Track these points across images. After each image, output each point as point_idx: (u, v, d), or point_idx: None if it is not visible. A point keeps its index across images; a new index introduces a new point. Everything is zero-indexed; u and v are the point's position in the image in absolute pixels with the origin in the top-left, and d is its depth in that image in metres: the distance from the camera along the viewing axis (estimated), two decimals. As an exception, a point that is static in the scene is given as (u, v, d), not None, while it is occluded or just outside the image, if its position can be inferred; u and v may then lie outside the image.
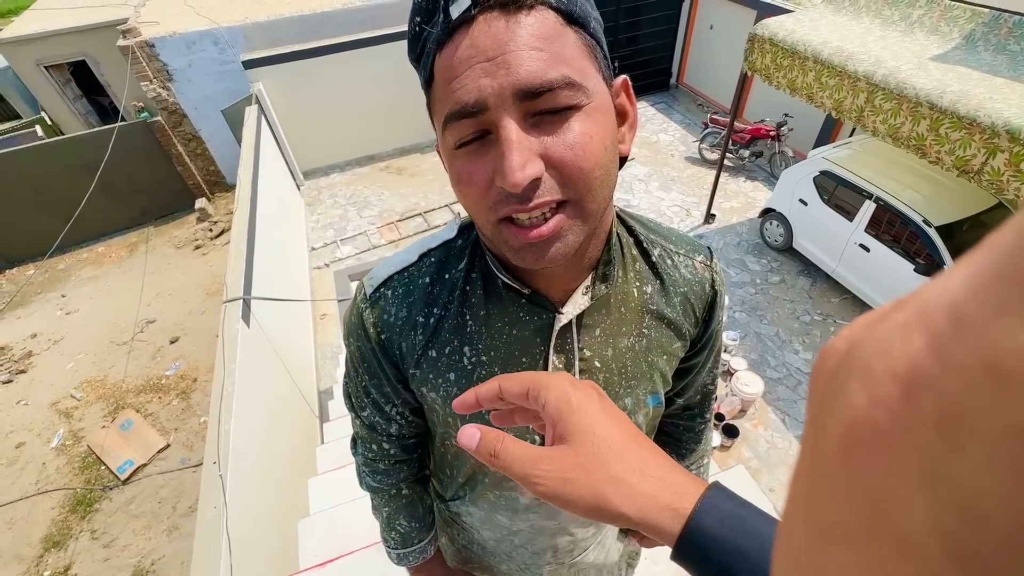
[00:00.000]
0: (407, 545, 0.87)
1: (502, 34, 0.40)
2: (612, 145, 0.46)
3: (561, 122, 0.43)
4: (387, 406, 0.70)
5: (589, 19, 0.45)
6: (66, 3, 8.26)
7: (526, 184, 0.41)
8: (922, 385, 0.10)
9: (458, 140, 0.45)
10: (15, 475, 4.34)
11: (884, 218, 3.90)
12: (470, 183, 0.45)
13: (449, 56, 0.42)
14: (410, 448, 0.79)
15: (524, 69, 0.40)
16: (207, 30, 6.19)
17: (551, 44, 0.41)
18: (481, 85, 0.41)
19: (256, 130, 4.78)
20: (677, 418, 0.83)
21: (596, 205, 0.46)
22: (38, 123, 8.25)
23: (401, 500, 0.83)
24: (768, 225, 5.11)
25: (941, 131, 2.89)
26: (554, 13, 0.42)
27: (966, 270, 0.10)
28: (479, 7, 0.41)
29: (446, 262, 0.62)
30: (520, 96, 0.41)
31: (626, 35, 7.38)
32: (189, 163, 7.07)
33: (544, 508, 0.74)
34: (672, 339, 0.65)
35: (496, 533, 0.80)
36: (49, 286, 6.38)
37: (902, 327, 0.11)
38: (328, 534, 2.06)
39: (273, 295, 3.49)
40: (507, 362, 0.60)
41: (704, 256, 0.66)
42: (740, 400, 3.69)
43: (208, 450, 2.04)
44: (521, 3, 0.41)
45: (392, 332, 0.62)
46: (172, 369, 5.07)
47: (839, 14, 3.94)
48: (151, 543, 3.83)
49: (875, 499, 0.10)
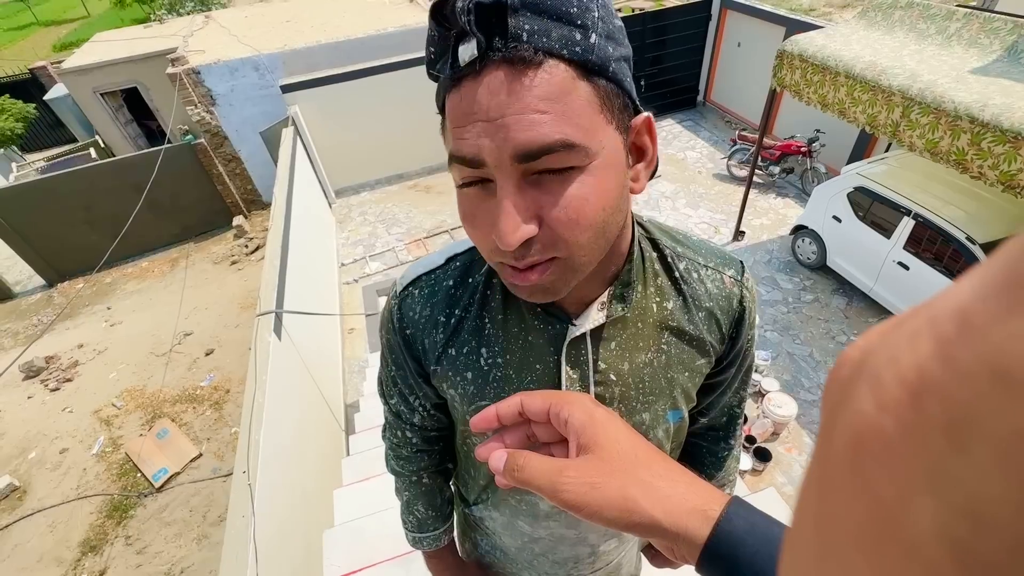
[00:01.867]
0: (423, 530, 0.90)
1: (504, 96, 0.40)
2: (616, 197, 0.46)
3: (560, 183, 0.42)
4: (411, 397, 0.73)
5: (608, 64, 0.42)
6: (121, 35, 8.86)
7: (517, 245, 0.43)
8: (929, 390, 0.10)
9: (461, 180, 0.46)
10: (58, 479, 4.53)
11: (924, 235, 3.76)
12: (473, 224, 0.47)
13: (455, 103, 0.42)
14: (432, 440, 0.82)
15: (524, 135, 0.40)
16: (248, 57, 6.53)
17: (556, 104, 0.40)
18: (480, 145, 0.41)
19: (291, 151, 4.98)
20: (700, 438, 0.81)
21: (588, 258, 0.47)
22: (92, 146, 8.80)
23: (421, 487, 0.87)
24: (800, 242, 4.99)
25: (983, 145, 2.79)
26: (565, 66, 0.40)
27: (975, 278, 0.10)
28: (485, 62, 0.40)
29: (471, 267, 0.64)
30: (518, 159, 0.41)
31: (653, 54, 7.42)
32: (228, 182, 7.39)
33: (564, 515, 0.73)
34: (695, 355, 0.64)
35: (517, 540, 0.81)
36: (96, 299, 6.71)
37: (911, 334, 0.11)
38: (352, 545, 2.06)
39: (304, 309, 3.59)
40: (522, 366, 0.61)
41: (735, 271, 0.65)
42: (772, 422, 3.56)
43: (238, 460, 2.09)
44: (530, 60, 0.39)
45: (416, 328, 0.65)
46: (207, 380, 5.23)
47: (871, 29, 3.87)
48: (181, 551, 3.91)
49: (881, 504, 0.10)
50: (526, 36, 0.39)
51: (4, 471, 4.62)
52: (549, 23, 0.39)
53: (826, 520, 0.12)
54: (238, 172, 7.49)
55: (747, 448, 3.49)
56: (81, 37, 18.12)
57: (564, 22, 0.40)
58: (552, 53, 0.40)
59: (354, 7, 8.40)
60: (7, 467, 4.69)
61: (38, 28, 26.09)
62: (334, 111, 6.56)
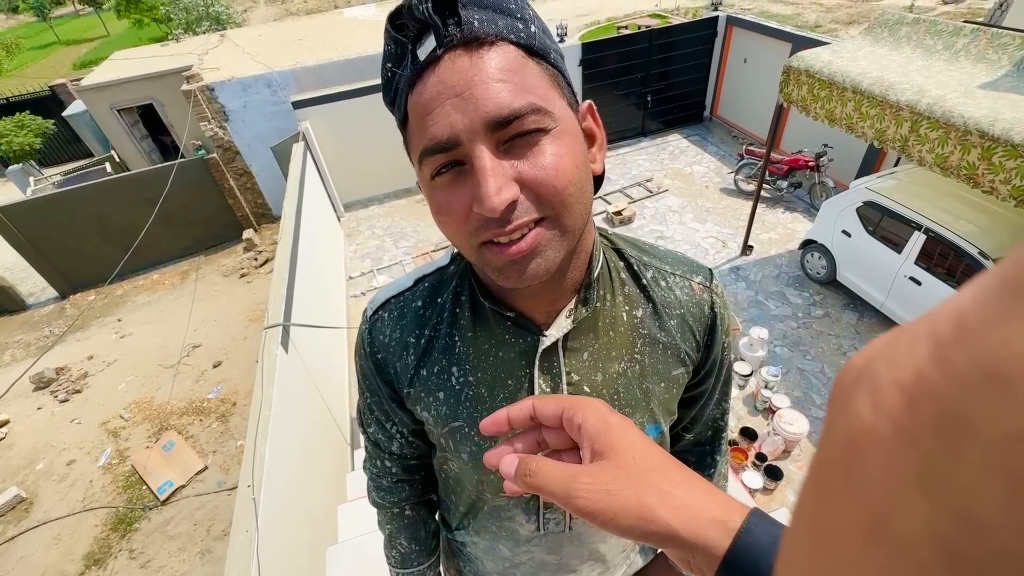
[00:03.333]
0: (406, 566, 0.88)
1: (467, 70, 0.42)
2: (584, 164, 0.48)
3: (532, 145, 0.44)
4: (388, 424, 0.73)
5: (549, 51, 0.47)
6: (139, 54, 9.09)
7: (503, 208, 0.43)
8: (924, 392, 0.10)
9: (433, 171, 0.46)
10: (64, 491, 4.53)
11: (936, 250, 3.71)
12: (449, 212, 0.47)
13: (420, 94, 0.44)
14: (412, 469, 0.81)
15: (492, 101, 0.42)
16: (261, 74, 6.67)
17: (515, 75, 0.43)
18: (452, 121, 0.43)
19: (301, 165, 5.04)
20: (687, 455, 0.80)
21: (573, 221, 0.48)
22: (107, 160, 8.98)
23: (403, 520, 0.85)
24: (809, 257, 4.95)
25: (994, 159, 2.77)
26: (514, 47, 0.44)
27: (975, 285, 0.10)
28: (443, 47, 0.43)
29: (439, 287, 0.65)
30: (490, 127, 0.43)
31: (658, 70, 7.49)
32: (239, 196, 7.50)
33: (545, 541, 0.73)
34: (670, 364, 0.63)
35: (499, 565, 0.80)
36: (107, 311, 6.78)
37: (911, 340, 0.11)
38: (356, 563, 2.04)
39: (311, 322, 3.60)
40: (494, 383, 0.61)
41: (703, 277, 0.65)
42: (783, 440, 3.50)
43: (243, 473, 2.08)
44: (483, 40, 0.43)
45: (387, 352, 0.65)
46: (214, 392, 5.24)
47: (878, 45, 3.88)
48: (184, 565, 3.88)
49: (872, 504, 0.11)
50: (477, 23, 0.43)
51: (12, 482, 4.63)
52: (494, 14, 0.44)
53: (820, 520, 0.13)
54: (249, 186, 7.60)
55: (758, 466, 3.42)
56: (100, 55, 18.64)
57: (506, 14, 0.45)
58: (501, 37, 0.44)
59: (365, 25, 8.58)
60: (15, 478, 4.70)
61: (60, 47, 26.88)
62: (344, 127, 6.66)
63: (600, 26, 8.12)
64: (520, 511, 0.69)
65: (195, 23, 15.53)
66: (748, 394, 4.03)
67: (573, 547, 0.74)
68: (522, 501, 0.68)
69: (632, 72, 7.38)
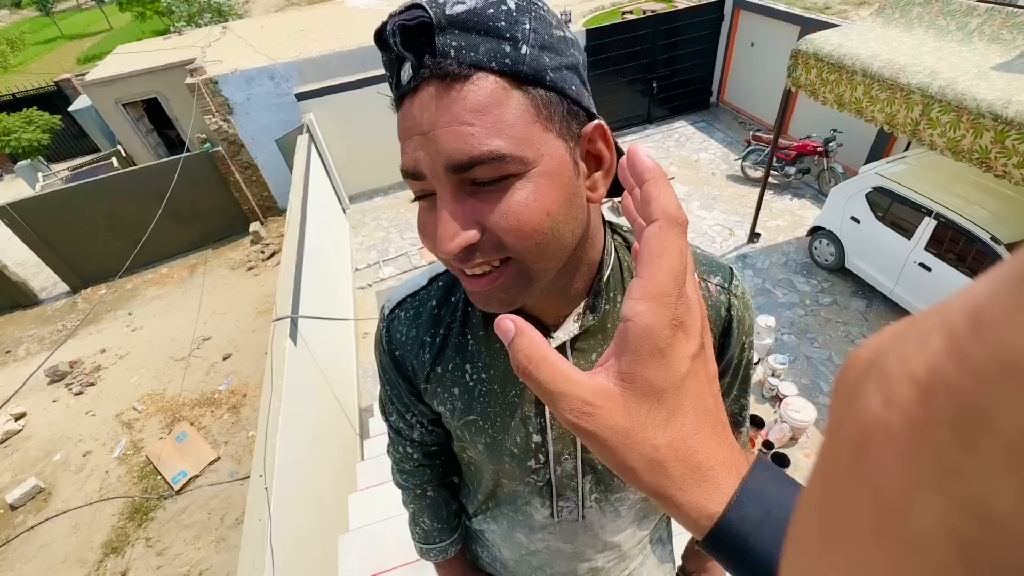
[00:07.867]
0: (428, 542, 0.92)
1: (435, 109, 0.41)
2: (565, 204, 0.45)
3: (499, 191, 0.43)
4: (407, 414, 0.76)
5: (543, 73, 0.42)
6: (142, 48, 9.09)
7: (456, 252, 0.43)
8: (939, 386, 0.10)
9: (414, 195, 0.48)
10: (82, 482, 4.63)
11: (946, 236, 3.67)
12: (425, 234, 0.48)
13: (400, 118, 0.45)
14: (432, 455, 0.85)
15: (452, 146, 0.41)
16: (264, 67, 6.65)
17: (484, 116, 0.41)
18: (417, 157, 0.43)
19: (306, 158, 5.05)
20: None
21: (543, 264, 0.46)
22: (114, 155, 9.03)
23: (425, 500, 0.89)
24: (817, 244, 4.90)
25: (1007, 143, 2.72)
26: (496, 77, 0.41)
27: (991, 277, 0.10)
28: (417, 80, 0.42)
29: (452, 286, 0.66)
30: (450, 170, 0.42)
31: (664, 56, 7.38)
32: (245, 189, 7.52)
33: (559, 530, 0.74)
34: None
35: (516, 552, 0.83)
36: (118, 305, 6.86)
37: (923, 332, 0.11)
38: (367, 550, 2.07)
39: (319, 314, 3.63)
40: (506, 380, 0.63)
41: (721, 278, 0.63)
42: (790, 428, 3.50)
43: (255, 463, 2.12)
44: (457, 75, 0.40)
45: (404, 350, 0.68)
46: (224, 384, 5.31)
47: (889, 27, 3.81)
48: (200, 553, 3.97)
49: (885, 500, 0.10)
50: (453, 52, 0.40)
51: (31, 473, 4.74)
52: (477, 38, 0.41)
53: (830, 516, 0.12)
54: (255, 179, 7.62)
55: (765, 454, 3.43)
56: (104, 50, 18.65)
57: (492, 36, 0.41)
58: (480, 66, 0.41)
59: (367, 15, 8.51)
60: (33, 469, 4.81)
61: (63, 42, 26.93)
62: (348, 118, 6.64)
63: (605, 11, 8.01)
64: (536, 496, 0.71)
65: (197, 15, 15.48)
66: (755, 382, 4.03)
67: (587, 537, 0.75)
68: (538, 487, 0.70)
69: (637, 58, 7.27)
